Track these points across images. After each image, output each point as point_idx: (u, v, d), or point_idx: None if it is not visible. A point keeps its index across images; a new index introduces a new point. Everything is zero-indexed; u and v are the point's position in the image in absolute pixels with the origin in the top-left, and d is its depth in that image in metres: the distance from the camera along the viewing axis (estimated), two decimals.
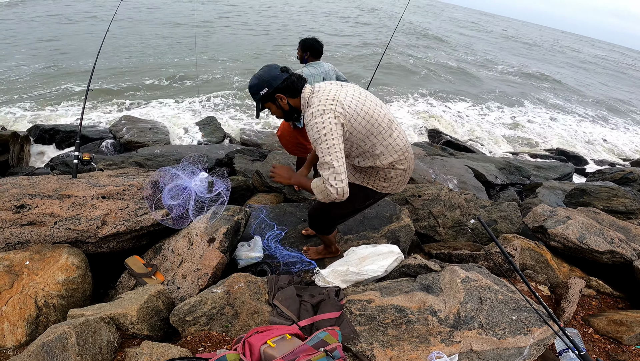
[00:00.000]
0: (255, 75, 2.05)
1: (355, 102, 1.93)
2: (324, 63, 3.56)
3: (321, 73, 3.48)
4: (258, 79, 2.01)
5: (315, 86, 2.02)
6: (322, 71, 3.48)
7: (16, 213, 2.49)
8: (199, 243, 2.61)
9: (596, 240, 2.91)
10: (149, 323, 2.05)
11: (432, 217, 3.74)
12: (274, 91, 2.00)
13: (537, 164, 7.61)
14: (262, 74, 2.01)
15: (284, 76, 1.99)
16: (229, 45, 17.43)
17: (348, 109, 1.90)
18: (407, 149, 2.12)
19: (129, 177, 2.95)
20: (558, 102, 17.15)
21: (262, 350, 1.68)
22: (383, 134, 2.01)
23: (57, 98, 9.79)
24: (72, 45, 14.11)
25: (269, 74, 2.00)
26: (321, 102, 1.90)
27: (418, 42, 24.72)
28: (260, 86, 2.00)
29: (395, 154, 2.07)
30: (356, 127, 1.94)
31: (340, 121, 1.88)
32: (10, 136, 5.23)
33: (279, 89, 1.99)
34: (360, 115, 1.93)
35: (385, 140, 2.02)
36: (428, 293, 2.11)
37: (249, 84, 2.05)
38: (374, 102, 2.02)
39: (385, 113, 2.03)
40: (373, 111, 1.97)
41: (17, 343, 2.07)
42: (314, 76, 3.44)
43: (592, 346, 2.38)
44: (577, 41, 67.36)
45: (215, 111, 10.71)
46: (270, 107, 2.09)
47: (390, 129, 2.03)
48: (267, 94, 2.01)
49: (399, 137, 2.07)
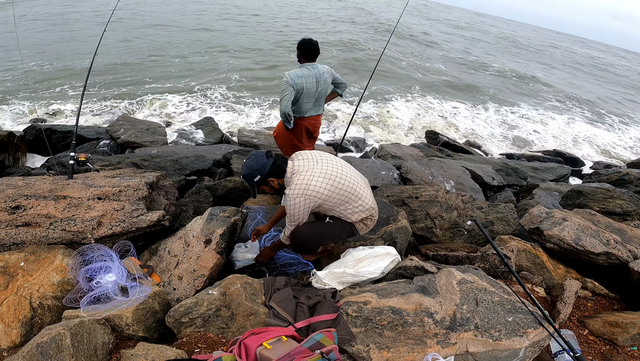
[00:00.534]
0: (245, 165, 2.37)
1: (326, 183, 2.31)
2: (319, 65, 3.48)
3: (314, 75, 3.40)
4: (250, 169, 2.34)
5: (296, 165, 2.37)
6: (316, 73, 3.40)
7: (11, 214, 2.47)
8: (196, 244, 2.60)
9: (592, 242, 2.92)
10: (144, 325, 2.04)
11: (429, 218, 3.75)
12: (266, 177, 2.35)
13: (534, 166, 7.63)
14: (252, 165, 2.34)
15: (270, 162, 2.33)
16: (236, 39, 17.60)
17: (317, 193, 2.30)
18: (374, 206, 2.54)
19: (125, 178, 2.94)
20: (554, 103, 17.24)
21: (258, 352, 1.68)
22: (351, 202, 2.42)
23: (54, 98, 9.77)
24: (70, 44, 14.13)
25: (257, 164, 2.33)
26: (296, 187, 2.29)
27: (412, 44, 24.77)
28: (253, 175, 2.34)
29: (363, 213, 2.49)
30: (327, 201, 2.36)
31: (311, 201, 2.31)
32: (6, 136, 5.21)
33: (269, 174, 2.35)
34: (330, 192, 2.33)
35: (354, 206, 2.44)
36: (424, 294, 2.11)
37: (242, 174, 2.39)
38: (344, 176, 2.38)
39: (353, 183, 2.41)
40: (342, 185, 2.35)
41: (11, 344, 2.05)
42: (305, 77, 3.36)
43: (587, 348, 2.38)
44: (573, 42, 67.72)
45: (214, 107, 10.75)
46: (264, 188, 2.47)
47: (358, 195, 2.42)
48: (260, 180, 2.36)
49: (367, 200, 2.47)
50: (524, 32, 61.94)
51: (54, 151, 5.77)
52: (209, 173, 4.97)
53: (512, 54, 30.16)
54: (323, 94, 3.59)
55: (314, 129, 3.83)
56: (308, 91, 3.41)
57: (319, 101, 3.62)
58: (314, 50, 3.39)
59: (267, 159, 2.33)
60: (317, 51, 3.42)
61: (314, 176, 2.31)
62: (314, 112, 3.64)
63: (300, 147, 3.88)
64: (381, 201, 3.30)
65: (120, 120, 6.53)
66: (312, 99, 3.50)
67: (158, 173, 3.21)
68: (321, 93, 3.54)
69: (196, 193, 3.79)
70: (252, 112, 10.89)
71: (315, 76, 3.41)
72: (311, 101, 3.51)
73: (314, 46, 3.39)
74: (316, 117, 3.75)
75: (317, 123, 3.82)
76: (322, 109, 3.75)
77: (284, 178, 2.39)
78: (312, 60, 3.43)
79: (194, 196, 3.74)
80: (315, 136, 3.96)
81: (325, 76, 3.51)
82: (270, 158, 2.34)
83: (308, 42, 3.38)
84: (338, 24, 28.00)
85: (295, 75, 3.34)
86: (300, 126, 3.67)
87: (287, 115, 3.38)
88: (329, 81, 3.56)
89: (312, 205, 2.34)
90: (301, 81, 3.35)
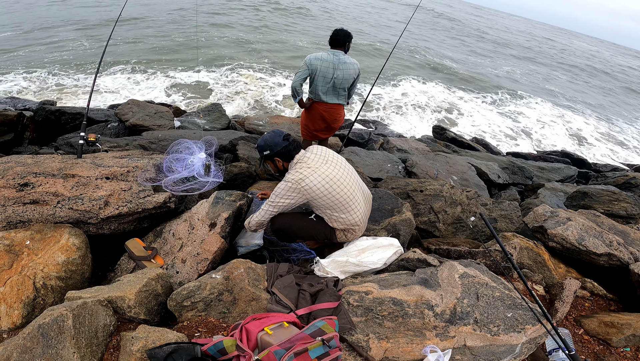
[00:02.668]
0: (263, 137, 2.53)
1: (322, 184, 2.38)
2: (343, 54, 3.63)
3: (333, 61, 3.59)
4: (264, 142, 2.51)
5: (304, 157, 2.46)
6: (335, 60, 3.60)
7: (19, 191, 2.49)
8: (200, 228, 2.62)
9: (595, 242, 2.92)
10: (146, 307, 2.02)
11: (432, 212, 3.75)
12: (274, 155, 2.49)
13: (540, 166, 7.58)
14: (268, 139, 2.50)
15: (284, 143, 2.46)
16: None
17: (309, 189, 2.38)
18: (359, 223, 2.58)
19: (133, 159, 2.96)
20: (568, 103, 17.22)
21: (259, 337, 1.68)
22: (338, 211, 2.48)
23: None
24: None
25: (272, 140, 2.48)
26: (294, 174, 2.39)
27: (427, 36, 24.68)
28: (265, 148, 2.50)
29: (344, 225, 2.55)
30: (316, 200, 2.43)
31: (299, 193, 2.39)
32: (15, 116, 5.24)
33: (277, 154, 2.48)
34: (322, 193, 2.40)
35: (338, 215, 2.51)
36: (426, 287, 2.13)
37: (258, 143, 2.56)
38: (344, 184, 2.44)
39: (349, 195, 2.47)
40: (337, 192, 2.42)
41: (12, 325, 2.03)
42: (323, 61, 3.58)
43: (581, 347, 2.40)
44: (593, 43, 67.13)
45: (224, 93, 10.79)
46: (269, 165, 2.61)
47: (348, 208, 2.48)
48: (268, 156, 2.51)
49: (354, 215, 2.53)
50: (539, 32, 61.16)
51: (63, 132, 5.80)
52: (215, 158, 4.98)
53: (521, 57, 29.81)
54: (341, 83, 3.70)
55: (330, 117, 3.90)
56: (322, 74, 3.63)
57: (336, 90, 3.74)
58: (339, 39, 3.62)
59: (282, 141, 2.47)
60: (341, 41, 3.63)
61: (315, 173, 2.39)
62: (330, 99, 3.78)
63: (316, 135, 4.03)
64: (386, 192, 3.30)
65: (129, 103, 6.53)
66: (328, 84, 3.67)
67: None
68: (338, 80, 3.67)
69: None
70: (259, 99, 11.02)
71: (333, 62, 3.60)
72: (327, 85, 3.68)
73: (340, 36, 3.62)
74: (333, 105, 3.86)
75: (334, 112, 3.90)
76: (341, 99, 3.84)
77: (290, 163, 2.51)
78: (337, 48, 3.66)
79: None
80: (333, 126, 4.02)
81: (347, 66, 3.65)
82: (285, 141, 2.47)
83: (337, 31, 3.64)
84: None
85: (314, 57, 3.61)
86: (316, 110, 3.86)
87: (295, 90, 3.68)
88: (350, 72, 3.67)
89: (299, 199, 2.43)
90: (317, 63, 3.59)
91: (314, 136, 4.13)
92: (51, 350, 1.61)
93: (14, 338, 1.65)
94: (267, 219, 2.54)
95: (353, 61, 3.70)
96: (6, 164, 2.68)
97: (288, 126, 6.98)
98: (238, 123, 7.49)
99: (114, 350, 1.84)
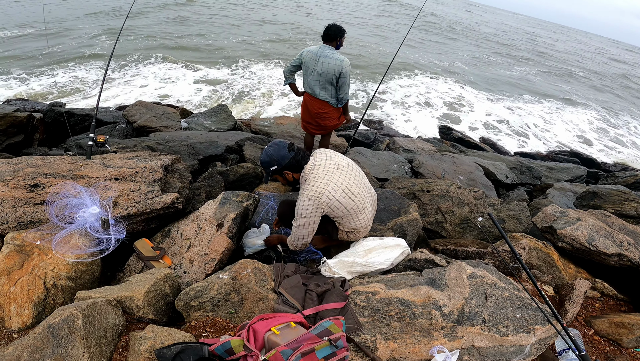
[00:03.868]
0: (266, 152, 2.37)
1: (340, 194, 2.34)
2: (328, 49, 3.70)
3: (318, 54, 3.73)
4: (269, 157, 2.35)
5: (315, 166, 2.37)
6: (320, 53, 3.72)
7: (30, 192, 2.52)
8: (208, 228, 2.64)
9: (605, 242, 2.88)
10: (154, 307, 2.02)
11: (439, 213, 3.73)
12: (282, 169, 2.35)
13: (549, 165, 7.51)
14: (273, 154, 2.34)
15: (290, 155, 2.33)
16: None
17: (329, 202, 2.32)
18: (366, 227, 2.59)
19: (141, 160, 2.98)
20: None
21: (266, 337, 1.68)
22: (348, 217, 2.46)
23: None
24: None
25: (278, 154, 2.33)
26: (312, 189, 2.30)
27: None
28: (271, 163, 2.35)
29: (352, 228, 2.53)
30: (332, 210, 2.39)
31: (320, 206, 2.33)
32: (25, 118, 5.30)
33: (286, 167, 2.35)
34: (340, 204, 2.36)
35: (348, 222, 2.49)
36: (433, 287, 2.12)
37: (261, 160, 2.39)
38: (356, 192, 2.41)
39: (360, 201, 2.44)
40: (352, 201, 2.39)
41: (22, 325, 2.03)
42: (311, 53, 3.77)
43: (591, 348, 2.38)
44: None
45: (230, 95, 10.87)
46: (278, 178, 2.47)
47: (359, 214, 2.46)
48: (276, 171, 2.37)
49: (364, 220, 2.53)
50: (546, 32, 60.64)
51: (72, 134, 5.86)
52: (221, 159, 5.00)
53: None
54: (321, 77, 3.78)
55: (313, 110, 4.03)
56: (306, 65, 3.84)
57: (319, 83, 3.82)
58: (330, 34, 3.72)
59: (288, 152, 2.33)
60: (329, 35, 3.72)
61: (331, 183, 2.32)
62: (314, 92, 3.90)
63: (307, 126, 4.25)
64: (392, 193, 3.29)
65: (137, 105, 6.59)
66: (310, 75, 3.84)
67: (173, 156, 3.25)
68: (318, 74, 3.77)
69: (209, 177, 3.83)
70: (265, 101, 11.12)
71: (318, 55, 3.74)
72: (309, 77, 3.85)
73: (331, 31, 3.71)
74: (316, 100, 3.95)
75: (316, 105, 3.99)
76: (325, 95, 3.86)
77: (301, 173, 2.40)
78: (328, 43, 3.76)
79: (207, 181, 3.78)
80: (319, 122, 4.07)
81: (327, 60, 3.70)
82: (291, 152, 2.34)
83: (329, 26, 3.75)
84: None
85: (306, 50, 3.84)
86: (303, 99, 4.12)
87: (284, 74, 4.07)
88: (329, 66, 3.70)
89: (321, 211, 2.37)
90: (305, 55, 3.83)
91: (305, 127, 4.32)
92: (61, 350, 1.62)
93: (25, 338, 1.65)
94: (308, 238, 2.48)
95: (337, 57, 3.69)
96: (17, 165, 2.72)
97: (294, 126, 6.99)
98: (244, 124, 7.52)
99: (122, 350, 1.84)
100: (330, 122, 4.08)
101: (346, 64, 3.68)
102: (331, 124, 4.12)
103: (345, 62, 3.69)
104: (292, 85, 4.16)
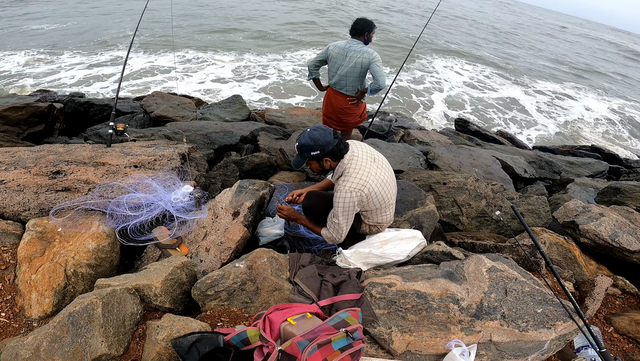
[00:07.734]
0: (310, 135, 2.23)
1: (378, 187, 2.29)
2: (357, 44, 3.60)
3: (345, 48, 3.66)
4: (314, 141, 2.22)
5: (354, 157, 2.29)
6: (347, 47, 3.65)
7: (52, 179, 2.56)
8: (224, 216, 2.65)
9: (628, 239, 2.80)
10: (171, 296, 2.02)
11: (456, 205, 3.67)
12: (324, 155, 2.26)
13: (569, 160, 7.32)
14: (318, 138, 2.22)
15: (335, 142, 2.24)
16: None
17: (369, 194, 2.26)
18: (389, 222, 2.56)
19: (159, 148, 3.01)
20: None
21: (282, 327, 1.66)
22: (379, 211, 2.41)
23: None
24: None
25: (324, 139, 2.22)
26: (354, 181, 2.23)
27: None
28: (314, 148, 2.23)
29: (376, 222, 2.49)
30: (368, 203, 2.32)
31: (361, 200, 2.27)
32: (46, 108, 5.40)
33: (328, 154, 2.25)
34: (377, 197, 2.30)
35: (377, 216, 2.44)
36: (451, 280, 2.09)
37: (302, 142, 2.24)
38: (389, 185, 2.38)
39: (391, 196, 2.41)
40: (386, 194, 2.35)
41: (42, 313, 2.03)
42: (338, 48, 3.71)
43: (610, 345, 2.36)
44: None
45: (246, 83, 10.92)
46: (313, 164, 2.35)
47: (387, 208, 2.43)
48: (317, 156, 2.26)
49: (390, 215, 2.51)
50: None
51: (91, 123, 5.96)
52: (236, 148, 5.03)
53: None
54: (346, 71, 3.70)
55: (336, 104, 3.96)
56: (333, 59, 3.76)
57: (344, 77, 3.74)
58: (357, 28, 3.65)
59: (334, 139, 2.25)
60: (357, 29, 3.65)
61: (372, 175, 2.27)
62: (337, 85, 3.85)
63: (328, 122, 4.15)
64: (409, 184, 3.25)
65: (154, 95, 6.66)
66: (335, 69, 3.77)
67: (190, 145, 3.27)
68: (344, 68, 3.69)
69: (224, 166, 3.85)
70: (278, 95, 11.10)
71: (345, 49, 3.67)
72: (334, 71, 3.79)
73: (356, 24, 3.66)
74: (341, 94, 3.89)
75: (340, 100, 3.92)
76: (348, 89, 3.80)
77: (339, 162, 2.32)
78: (356, 37, 3.68)
79: (222, 170, 3.80)
80: (342, 118, 3.99)
81: (356, 54, 3.61)
82: (336, 139, 2.26)
83: (357, 20, 3.70)
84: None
85: (333, 44, 3.79)
86: (327, 93, 4.06)
87: (308, 69, 4.00)
88: (357, 61, 3.62)
89: (361, 204, 2.30)
90: (332, 49, 3.76)
91: (326, 123, 4.22)
92: (80, 339, 1.62)
93: (45, 327, 1.65)
94: (346, 232, 2.40)
95: (365, 49, 3.61)
96: (39, 153, 2.77)
97: (307, 117, 6.97)
98: (258, 114, 7.53)
99: (139, 339, 1.84)
100: (352, 118, 4.04)
101: (375, 55, 3.61)
102: (353, 120, 4.07)
103: (374, 53, 3.61)
104: (316, 80, 4.09)
